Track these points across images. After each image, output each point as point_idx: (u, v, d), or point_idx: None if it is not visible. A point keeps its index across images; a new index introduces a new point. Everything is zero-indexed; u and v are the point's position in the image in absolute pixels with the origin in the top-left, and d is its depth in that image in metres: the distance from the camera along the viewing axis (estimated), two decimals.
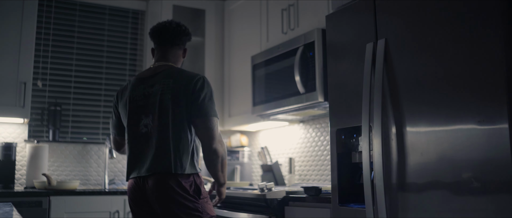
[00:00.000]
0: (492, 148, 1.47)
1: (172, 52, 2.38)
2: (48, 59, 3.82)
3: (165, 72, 2.28)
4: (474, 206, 1.51)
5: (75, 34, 3.96)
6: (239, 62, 3.75)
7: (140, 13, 4.20)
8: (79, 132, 3.89)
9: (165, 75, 2.26)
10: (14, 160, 3.42)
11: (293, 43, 2.96)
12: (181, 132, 2.18)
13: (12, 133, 3.59)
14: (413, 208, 1.71)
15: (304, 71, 2.82)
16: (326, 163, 3.24)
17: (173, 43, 2.37)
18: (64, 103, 3.83)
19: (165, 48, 2.37)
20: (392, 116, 1.81)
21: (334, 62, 2.15)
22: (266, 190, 2.50)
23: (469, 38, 1.57)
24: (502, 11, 1.49)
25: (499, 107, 1.46)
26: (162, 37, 2.36)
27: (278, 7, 3.28)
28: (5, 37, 3.30)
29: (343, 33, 2.12)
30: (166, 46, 2.37)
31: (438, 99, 1.65)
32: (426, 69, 1.71)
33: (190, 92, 2.19)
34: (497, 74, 1.48)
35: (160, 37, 2.36)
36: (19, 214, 1.54)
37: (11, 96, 3.28)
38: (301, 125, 3.53)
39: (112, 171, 3.88)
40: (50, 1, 3.87)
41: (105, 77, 4.03)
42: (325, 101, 2.71)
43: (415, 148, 1.71)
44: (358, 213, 1.93)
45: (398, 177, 1.77)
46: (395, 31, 1.84)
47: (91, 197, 3.21)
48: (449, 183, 1.59)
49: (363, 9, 2.00)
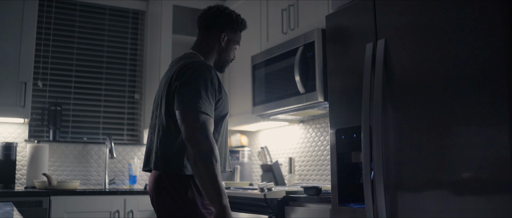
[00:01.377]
0: (492, 148, 1.48)
1: (200, 38, 2.13)
2: (49, 59, 3.82)
3: (176, 60, 2.08)
4: (474, 206, 1.51)
5: (75, 34, 3.96)
6: (239, 62, 3.75)
7: (140, 13, 4.20)
8: (79, 132, 3.89)
9: (173, 63, 2.08)
10: (14, 160, 3.42)
11: (293, 43, 2.96)
12: (163, 127, 1.92)
13: (13, 133, 3.59)
14: (413, 208, 1.71)
15: (304, 71, 2.82)
16: (326, 163, 3.25)
17: (202, 28, 2.12)
18: (65, 103, 3.84)
19: (198, 35, 2.15)
20: (392, 116, 1.81)
21: (334, 62, 2.15)
22: (266, 190, 2.50)
23: (469, 38, 1.57)
24: (502, 11, 1.49)
25: (499, 107, 1.46)
26: (197, 23, 2.15)
27: (278, 7, 3.28)
28: (6, 37, 3.31)
29: (343, 33, 2.12)
30: (198, 32, 2.15)
31: (438, 99, 1.65)
32: (426, 69, 1.71)
33: (173, 80, 1.91)
34: (497, 74, 1.48)
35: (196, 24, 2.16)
36: (20, 214, 1.55)
37: (12, 96, 3.29)
38: (301, 125, 3.53)
39: (112, 171, 3.89)
40: (50, 1, 3.87)
41: (105, 77, 4.03)
42: (325, 101, 2.71)
43: (415, 148, 1.72)
44: (358, 213, 1.93)
45: (398, 177, 1.77)
46: (395, 31, 1.84)
47: (91, 197, 3.21)
48: (448, 183, 1.59)
49: (363, 9, 2.00)
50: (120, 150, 3.93)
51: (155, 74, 3.88)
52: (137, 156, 3.97)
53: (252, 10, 3.61)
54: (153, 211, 3.31)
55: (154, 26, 4.04)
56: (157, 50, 3.89)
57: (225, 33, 2.11)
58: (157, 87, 2.13)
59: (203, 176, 1.74)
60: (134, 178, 3.81)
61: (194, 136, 1.77)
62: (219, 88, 1.95)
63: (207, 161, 1.74)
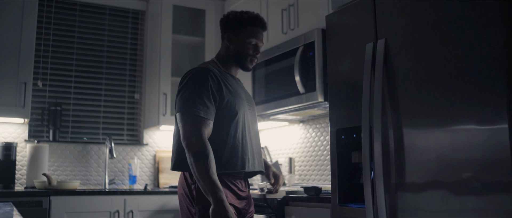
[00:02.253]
0: (492, 148, 1.48)
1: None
2: (48, 59, 3.82)
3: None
4: (474, 206, 1.51)
5: (75, 34, 3.96)
6: None
7: (140, 13, 4.20)
8: (79, 132, 3.89)
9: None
10: (14, 160, 3.42)
11: (293, 43, 2.96)
12: (174, 130, 2.12)
13: (13, 133, 3.59)
14: (413, 208, 1.71)
15: (304, 71, 2.82)
16: (326, 163, 3.25)
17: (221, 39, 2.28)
18: (64, 103, 3.83)
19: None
20: (392, 116, 1.81)
21: (334, 62, 2.15)
22: (266, 190, 2.50)
23: (469, 38, 1.57)
24: (502, 11, 1.49)
25: (499, 107, 1.46)
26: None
27: (278, 7, 3.28)
28: (5, 37, 3.31)
29: (343, 33, 2.12)
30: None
31: (437, 99, 1.65)
32: (426, 69, 1.71)
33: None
34: (497, 74, 1.48)
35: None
36: (20, 214, 1.55)
37: (12, 96, 3.28)
38: (301, 125, 3.53)
39: (112, 171, 3.89)
40: (50, 1, 3.87)
41: (105, 77, 4.03)
42: (325, 101, 2.71)
43: (415, 148, 1.72)
44: (358, 213, 1.93)
45: (398, 177, 1.77)
46: (395, 31, 1.84)
47: (91, 197, 3.21)
48: (448, 183, 1.59)
49: (363, 9, 2.00)
50: (120, 150, 3.93)
51: (155, 74, 3.88)
52: (137, 156, 3.97)
53: (252, 10, 3.61)
54: (153, 211, 3.32)
55: (154, 26, 4.04)
56: (157, 50, 3.89)
57: (229, 33, 2.21)
58: (157, 87, 2.20)
59: (196, 173, 1.89)
60: (134, 178, 3.81)
61: (187, 138, 1.93)
62: (220, 90, 2.02)
63: (198, 159, 1.88)
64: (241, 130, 2.07)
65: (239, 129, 2.06)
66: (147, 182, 3.98)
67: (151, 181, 4.01)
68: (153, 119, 3.84)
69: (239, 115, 2.07)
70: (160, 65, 3.81)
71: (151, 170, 4.03)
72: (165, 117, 3.74)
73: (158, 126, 3.82)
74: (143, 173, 3.99)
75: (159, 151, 4.06)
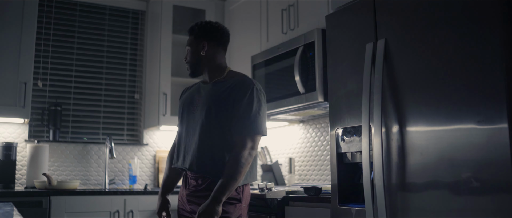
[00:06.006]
0: (492, 148, 1.48)
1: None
2: (49, 59, 3.82)
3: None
4: (474, 206, 1.51)
5: (75, 34, 3.96)
6: (239, 62, 3.75)
7: (140, 13, 4.20)
8: (79, 132, 3.89)
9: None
10: (14, 160, 3.42)
11: (293, 43, 2.96)
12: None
13: (13, 133, 3.59)
14: (413, 208, 1.71)
15: (304, 71, 2.82)
16: (326, 163, 3.25)
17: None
18: (64, 103, 3.84)
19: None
20: (392, 116, 1.81)
21: (334, 62, 2.15)
22: (266, 190, 2.50)
23: (469, 38, 1.57)
24: (502, 11, 1.49)
25: (499, 107, 1.46)
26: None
27: (278, 7, 3.28)
28: (6, 37, 3.31)
29: (343, 33, 2.12)
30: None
31: (438, 99, 1.65)
32: (426, 69, 1.71)
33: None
34: (497, 74, 1.48)
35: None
36: (20, 214, 1.55)
37: (12, 96, 3.29)
38: (301, 125, 3.53)
39: (112, 171, 3.89)
40: (50, 1, 3.87)
41: (105, 77, 4.03)
42: (325, 101, 2.71)
43: (415, 148, 1.72)
44: (358, 213, 1.93)
45: (398, 177, 1.77)
46: (395, 31, 1.84)
47: (91, 197, 3.21)
48: (448, 183, 1.59)
49: (363, 9, 2.00)
50: (120, 150, 3.93)
51: (155, 74, 3.88)
52: (137, 156, 3.97)
53: (252, 10, 3.61)
54: (153, 211, 3.32)
55: (154, 26, 4.04)
56: (157, 50, 3.89)
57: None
58: (157, 87, 2.23)
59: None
60: (134, 178, 3.81)
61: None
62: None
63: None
64: (184, 130, 2.25)
65: (183, 129, 2.26)
66: (147, 182, 3.98)
67: (151, 181, 4.01)
68: (153, 119, 3.84)
69: (179, 118, 2.31)
70: (160, 65, 3.81)
71: (151, 170, 4.03)
72: (165, 117, 3.74)
73: (158, 126, 3.82)
74: (143, 173, 3.99)
75: (159, 151, 4.06)
